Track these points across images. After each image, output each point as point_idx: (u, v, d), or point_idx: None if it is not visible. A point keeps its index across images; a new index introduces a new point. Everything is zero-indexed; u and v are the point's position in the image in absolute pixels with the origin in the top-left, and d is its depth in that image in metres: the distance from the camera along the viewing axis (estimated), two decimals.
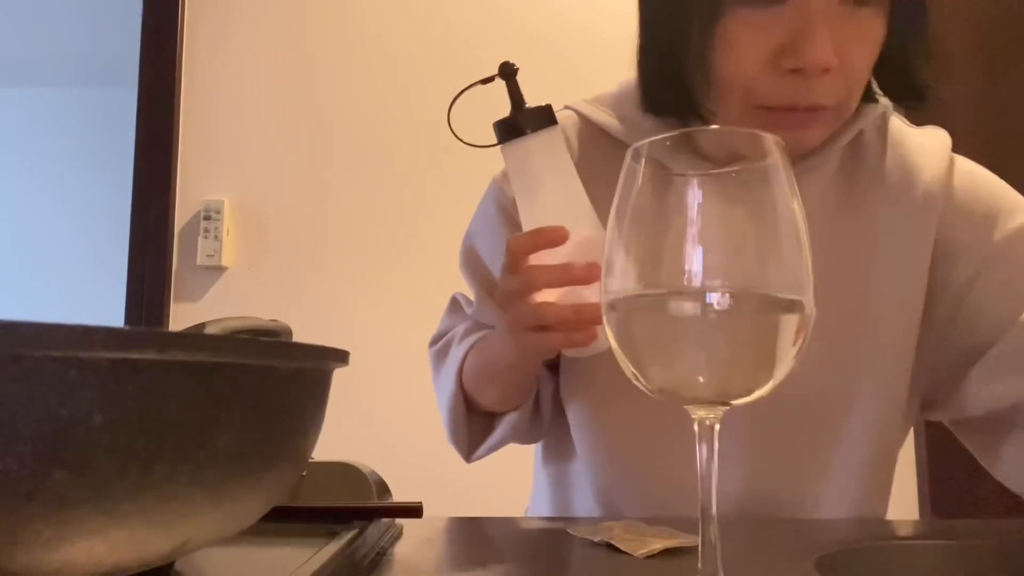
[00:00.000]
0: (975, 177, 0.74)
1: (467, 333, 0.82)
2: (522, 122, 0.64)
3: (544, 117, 0.65)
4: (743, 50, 0.61)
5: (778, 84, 0.61)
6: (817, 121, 0.64)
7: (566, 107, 0.81)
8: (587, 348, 0.63)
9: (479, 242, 0.85)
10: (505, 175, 0.83)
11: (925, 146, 0.75)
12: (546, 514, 0.84)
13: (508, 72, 0.65)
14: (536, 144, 0.64)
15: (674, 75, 0.67)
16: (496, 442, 0.80)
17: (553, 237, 0.62)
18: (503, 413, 0.79)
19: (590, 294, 0.61)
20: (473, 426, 0.80)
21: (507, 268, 0.65)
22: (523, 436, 0.82)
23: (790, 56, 0.60)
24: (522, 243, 0.63)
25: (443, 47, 1.96)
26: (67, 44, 3.33)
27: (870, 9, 0.62)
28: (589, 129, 0.78)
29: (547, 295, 0.62)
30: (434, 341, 0.87)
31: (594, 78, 0.83)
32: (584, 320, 0.60)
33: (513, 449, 0.83)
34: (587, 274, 0.59)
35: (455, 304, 0.89)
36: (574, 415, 0.78)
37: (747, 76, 0.62)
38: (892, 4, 0.63)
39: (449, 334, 0.85)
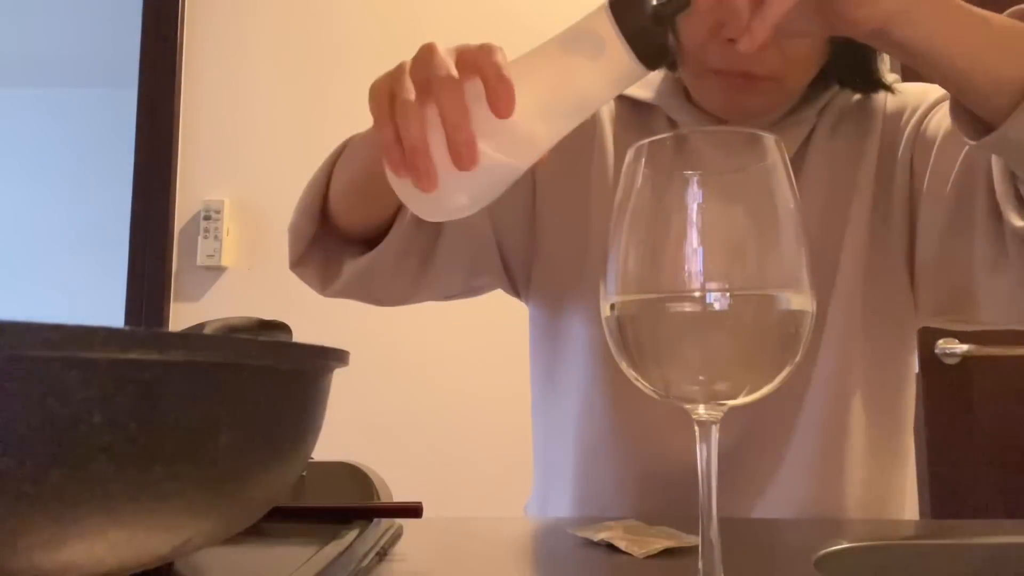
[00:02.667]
0: (912, 84, 0.78)
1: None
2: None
3: (659, 58, 0.50)
4: (694, 20, 0.68)
5: (720, 50, 0.68)
6: (755, 89, 0.70)
7: None
8: (423, 204, 0.51)
9: None
10: None
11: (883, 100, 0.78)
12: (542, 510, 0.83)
13: None
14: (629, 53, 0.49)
15: None
16: (362, 266, 0.73)
17: (506, 95, 0.46)
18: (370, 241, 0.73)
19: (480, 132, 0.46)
20: (328, 237, 0.76)
21: (426, 55, 0.50)
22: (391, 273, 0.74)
23: (727, 27, 0.65)
24: (470, 53, 0.49)
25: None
26: (67, 44, 3.33)
27: None
28: (615, 103, 0.84)
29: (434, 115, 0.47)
30: None
31: None
32: (459, 147, 0.46)
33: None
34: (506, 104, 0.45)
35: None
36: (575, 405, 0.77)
37: (697, 43, 0.70)
38: None
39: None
